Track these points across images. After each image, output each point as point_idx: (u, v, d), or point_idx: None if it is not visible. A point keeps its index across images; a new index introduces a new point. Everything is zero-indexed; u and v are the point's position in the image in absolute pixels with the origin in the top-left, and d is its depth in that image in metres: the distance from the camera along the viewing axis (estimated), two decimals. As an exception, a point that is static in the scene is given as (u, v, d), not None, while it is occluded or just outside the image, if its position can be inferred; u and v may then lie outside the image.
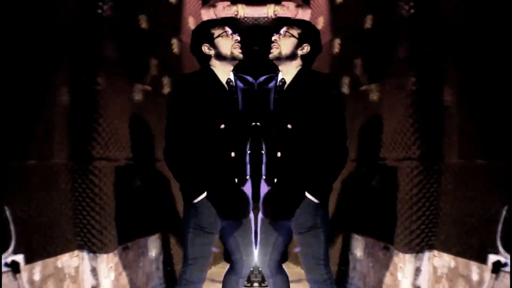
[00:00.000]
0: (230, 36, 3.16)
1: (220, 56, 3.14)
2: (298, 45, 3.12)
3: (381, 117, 3.81)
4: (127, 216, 3.73)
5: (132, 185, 3.86)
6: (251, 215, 3.27)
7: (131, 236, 3.85)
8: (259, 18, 5.37)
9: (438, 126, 3.45)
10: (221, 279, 3.37)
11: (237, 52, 3.14)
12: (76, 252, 3.46)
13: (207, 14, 5.44)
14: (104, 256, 3.51)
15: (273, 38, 3.16)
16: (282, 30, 3.16)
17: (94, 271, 3.49)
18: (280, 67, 3.17)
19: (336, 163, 3.07)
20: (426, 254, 3.52)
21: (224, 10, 5.53)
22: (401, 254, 3.57)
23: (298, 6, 5.34)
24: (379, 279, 3.88)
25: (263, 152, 3.23)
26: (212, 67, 3.18)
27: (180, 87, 3.16)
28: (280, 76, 3.18)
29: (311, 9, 5.27)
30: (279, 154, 3.08)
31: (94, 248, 3.48)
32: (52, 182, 3.32)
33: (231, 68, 3.19)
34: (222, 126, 3.08)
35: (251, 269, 4.63)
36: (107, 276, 3.54)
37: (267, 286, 3.58)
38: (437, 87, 3.43)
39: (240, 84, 3.23)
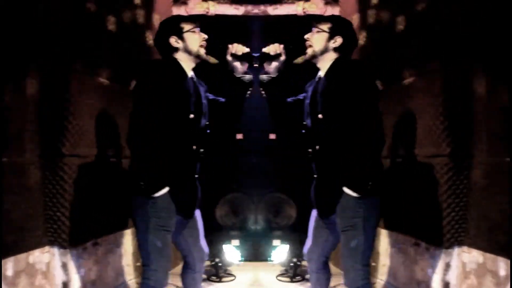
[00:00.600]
0: (199, 33, 3.19)
1: (186, 51, 3.15)
2: (330, 38, 3.13)
3: (411, 115, 3.83)
4: (96, 212, 3.77)
5: (102, 182, 3.88)
6: (198, 210, 3.29)
7: (101, 232, 3.89)
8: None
9: (467, 124, 3.44)
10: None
11: (203, 52, 3.18)
12: (47, 248, 3.47)
13: (178, 11, 5.50)
14: (74, 251, 3.55)
15: (305, 37, 3.20)
16: (313, 28, 3.20)
17: (64, 266, 3.50)
18: (318, 65, 3.20)
19: (371, 153, 2.96)
20: (456, 250, 3.50)
21: (195, 7, 5.58)
22: (431, 250, 3.61)
23: (326, 3, 5.43)
24: (409, 274, 3.92)
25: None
26: (178, 59, 3.18)
27: (147, 73, 3.07)
28: (319, 73, 3.21)
29: (340, 6, 5.37)
30: (317, 147, 3.10)
31: (65, 244, 3.49)
32: (23, 179, 3.33)
33: (194, 65, 3.21)
34: (191, 116, 3.07)
35: (299, 263, 4.90)
36: (78, 271, 3.57)
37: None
38: (467, 85, 3.44)
39: (198, 84, 3.26)
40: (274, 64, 3.30)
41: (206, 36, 3.21)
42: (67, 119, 3.52)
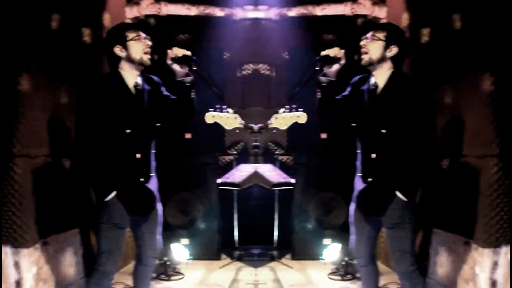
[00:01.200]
0: (143, 41, 3.29)
1: (129, 59, 3.27)
2: (386, 47, 3.26)
3: (460, 115, 3.90)
4: (47, 212, 3.78)
5: (52, 182, 3.89)
6: (159, 207, 3.47)
7: (51, 231, 3.91)
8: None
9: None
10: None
11: (146, 58, 3.29)
12: (-1, 247, 3.48)
13: (131, 12, 5.53)
14: (26, 250, 3.56)
15: (361, 43, 3.30)
16: (369, 34, 3.29)
17: (16, 265, 3.52)
18: (373, 72, 3.31)
19: (425, 164, 3.24)
20: (503, 249, 3.53)
21: (147, 8, 5.62)
22: (480, 249, 3.65)
23: (374, 3, 5.52)
24: (458, 273, 3.97)
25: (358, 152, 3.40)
26: (120, 69, 3.30)
27: (88, 91, 3.27)
28: (372, 80, 3.31)
29: (387, 6, 5.46)
30: (373, 155, 3.26)
31: (16, 243, 3.51)
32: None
33: (138, 72, 3.32)
34: (128, 131, 3.24)
35: (350, 262, 5.01)
36: (29, 270, 3.59)
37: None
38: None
39: (146, 86, 3.37)
40: (334, 67, 3.37)
41: (150, 43, 3.32)
42: (19, 120, 3.53)
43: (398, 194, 3.23)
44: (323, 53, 3.37)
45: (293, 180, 3.66)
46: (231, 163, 5.67)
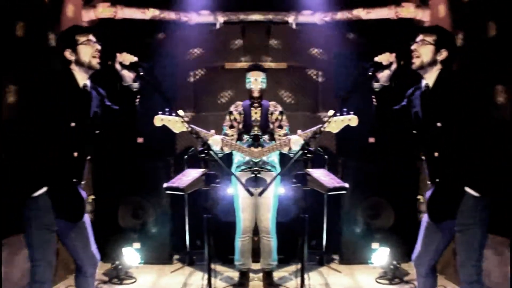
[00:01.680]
0: (92, 45, 3.29)
1: (79, 63, 3.27)
2: (436, 51, 3.25)
3: None
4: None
5: (2, 182, 3.83)
6: (86, 216, 3.39)
7: (5, 234, 3.86)
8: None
9: None
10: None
11: (95, 62, 3.28)
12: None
13: (87, 15, 5.52)
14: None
15: (412, 48, 3.30)
16: (419, 39, 3.29)
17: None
18: (424, 75, 3.31)
19: (490, 154, 3.19)
20: None
21: (103, 11, 5.61)
22: None
23: (417, 6, 5.55)
24: (504, 275, 3.97)
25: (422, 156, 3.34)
26: (72, 70, 3.29)
27: (37, 82, 3.25)
28: (423, 82, 3.31)
29: (430, 9, 5.46)
30: (436, 154, 3.22)
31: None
32: None
33: (87, 76, 3.32)
34: (73, 124, 3.20)
35: (398, 266, 5.02)
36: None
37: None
38: None
39: (94, 92, 3.38)
40: (386, 72, 3.38)
41: (99, 47, 3.32)
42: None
43: (468, 189, 3.16)
44: (375, 59, 3.40)
45: (346, 185, 3.68)
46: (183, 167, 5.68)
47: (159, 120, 4.19)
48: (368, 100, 3.49)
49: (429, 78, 3.30)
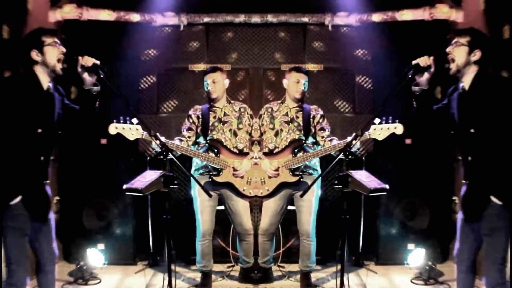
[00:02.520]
0: (58, 47, 3.33)
1: (44, 64, 3.29)
2: (470, 52, 3.27)
3: None
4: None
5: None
6: (51, 213, 3.47)
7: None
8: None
9: None
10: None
11: (58, 67, 3.32)
12: None
13: (53, 16, 5.51)
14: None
15: (447, 50, 3.32)
16: (453, 41, 3.31)
17: None
18: (461, 77, 3.32)
19: None
20: None
21: (69, 12, 5.61)
22: None
23: (451, 7, 5.55)
24: None
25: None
26: (35, 71, 3.31)
27: (2, 88, 3.25)
28: (460, 85, 3.33)
29: (464, 10, 5.48)
30: (469, 158, 3.26)
31: None
32: None
33: (51, 78, 3.35)
34: (39, 130, 3.24)
35: (433, 266, 5.07)
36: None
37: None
38: None
39: (56, 94, 3.41)
40: (425, 76, 3.40)
41: (64, 50, 3.35)
42: None
43: (493, 198, 3.20)
44: (414, 62, 3.42)
45: (387, 186, 3.72)
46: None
47: (113, 128, 4.23)
48: (407, 102, 3.53)
49: (466, 80, 3.32)
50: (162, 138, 4.35)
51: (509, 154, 3.19)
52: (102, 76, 3.44)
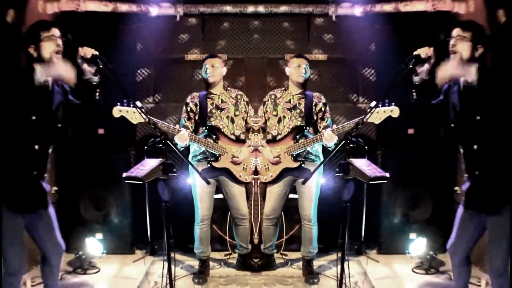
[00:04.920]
0: (54, 40, 3.34)
1: (40, 59, 3.31)
2: (473, 47, 3.28)
3: None
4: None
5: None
6: (51, 207, 3.50)
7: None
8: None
9: None
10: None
11: (56, 59, 3.33)
12: None
13: (51, 8, 5.52)
14: None
15: (451, 43, 3.33)
16: (455, 34, 3.31)
17: None
18: (462, 71, 3.32)
19: None
20: None
21: (66, 4, 5.62)
22: None
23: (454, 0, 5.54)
24: None
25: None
26: (35, 66, 3.34)
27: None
28: (462, 78, 3.34)
29: (467, 2, 5.47)
30: (475, 147, 3.26)
31: None
32: None
33: (50, 72, 3.35)
34: (34, 117, 3.27)
35: (434, 256, 5.13)
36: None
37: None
38: None
39: (56, 88, 3.45)
40: (426, 66, 3.42)
41: (60, 43, 3.35)
42: None
43: (499, 188, 3.23)
44: (414, 52, 3.43)
45: (387, 174, 3.76)
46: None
47: (117, 111, 4.28)
48: (408, 92, 3.54)
49: (467, 73, 3.31)
50: (165, 123, 4.42)
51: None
52: (101, 66, 3.46)
